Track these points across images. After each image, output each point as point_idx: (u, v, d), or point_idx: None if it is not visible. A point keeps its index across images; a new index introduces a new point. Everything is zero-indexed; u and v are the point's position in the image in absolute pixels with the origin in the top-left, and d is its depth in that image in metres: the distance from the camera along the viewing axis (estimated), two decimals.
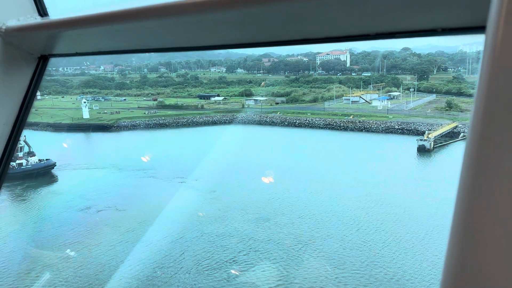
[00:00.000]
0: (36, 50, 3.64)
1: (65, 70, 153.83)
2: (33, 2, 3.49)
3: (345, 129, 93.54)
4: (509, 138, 1.11)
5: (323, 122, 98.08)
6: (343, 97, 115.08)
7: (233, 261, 39.22)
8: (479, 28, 1.61)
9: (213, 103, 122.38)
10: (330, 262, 38.02)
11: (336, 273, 36.41)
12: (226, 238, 43.22)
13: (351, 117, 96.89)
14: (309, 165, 64.64)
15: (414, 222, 44.62)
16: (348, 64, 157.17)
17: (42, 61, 3.74)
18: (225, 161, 67.30)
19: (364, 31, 2.21)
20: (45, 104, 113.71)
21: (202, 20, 2.41)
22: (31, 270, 39.00)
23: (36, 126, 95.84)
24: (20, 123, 3.79)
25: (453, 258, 1.18)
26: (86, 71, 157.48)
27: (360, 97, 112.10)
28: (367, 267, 36.91)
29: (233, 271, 37.47)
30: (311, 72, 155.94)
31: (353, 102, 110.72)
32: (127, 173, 66.18)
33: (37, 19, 3.41)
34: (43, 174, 68.83)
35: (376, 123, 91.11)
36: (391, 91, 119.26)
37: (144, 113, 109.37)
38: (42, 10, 3.52)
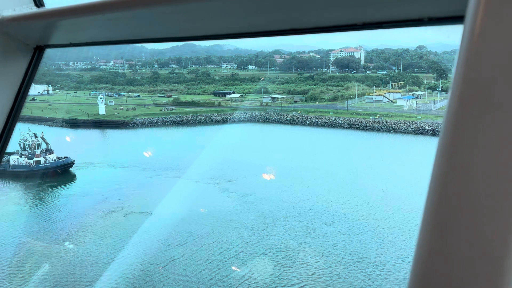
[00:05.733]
0: (31, 40, 3.61)
1: (76, 64, 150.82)
2: None
3: (372, 129, 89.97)
4: (483, 127, 1.11)
5: (347, 121, 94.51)
6: (365, 96, 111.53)
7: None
8: (460, 18, 1.58)
9: (229, 100, 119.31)
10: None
11: None
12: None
13: (377, 117, 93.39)
14: (353, 169, 61.08)
15: None
16: (362, 62, 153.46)
17: (38, 51, 3.68)
18: (255, 162, 64.07)
19: (351, 20, 2.19)
20: (58, 100, 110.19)
21: (189, 9, 2.45)
22: None
23: (52, 122, 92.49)
24: (15, 113, 3.72)
25: (422, 254, 1.21)
26: (96, 66, 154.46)
27: (383, 96, 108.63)
28: None
29: None
30: (324, 70, 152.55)
31: (376, 101, 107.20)
32: (152, 172, 62.81)
33: (33, 9, 3.38)
34: (62, 173, 65.77)
35: (405, 123, 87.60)
36: (413, 90, 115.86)
37: (161, 110, 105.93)
38: (38, 0, 3.48)
